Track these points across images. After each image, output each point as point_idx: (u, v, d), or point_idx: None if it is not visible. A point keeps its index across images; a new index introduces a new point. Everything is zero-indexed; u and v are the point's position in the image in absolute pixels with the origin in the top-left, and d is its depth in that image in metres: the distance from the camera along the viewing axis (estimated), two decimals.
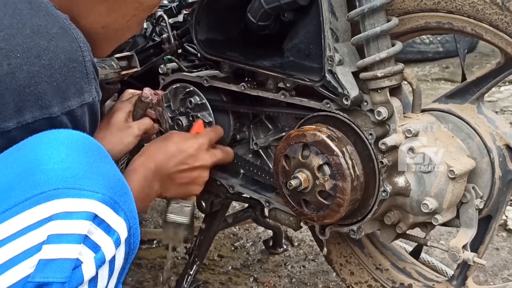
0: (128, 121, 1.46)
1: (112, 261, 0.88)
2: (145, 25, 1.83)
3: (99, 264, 0.85)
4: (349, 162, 1.26)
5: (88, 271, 0.84)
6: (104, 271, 0.87)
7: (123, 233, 0.89)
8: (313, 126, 1.30)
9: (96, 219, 0.85)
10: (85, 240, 0.84)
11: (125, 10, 1.11)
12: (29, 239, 0.82)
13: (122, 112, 1.45)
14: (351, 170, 1.26)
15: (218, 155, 1.47)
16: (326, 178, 1.27)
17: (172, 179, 1.38)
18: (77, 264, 0.83)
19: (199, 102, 1.54)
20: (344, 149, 1.26)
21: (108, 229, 0.87)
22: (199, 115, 1.54)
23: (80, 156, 0.89)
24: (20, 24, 0.92)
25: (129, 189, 0.94)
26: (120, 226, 0.89)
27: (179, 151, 1.38)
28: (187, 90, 1.54)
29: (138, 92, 1.53)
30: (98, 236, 0.86)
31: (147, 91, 1.50)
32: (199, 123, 1.50)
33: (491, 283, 1.94)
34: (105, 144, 1.41)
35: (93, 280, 0.85)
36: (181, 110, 1.57)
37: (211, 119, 1.53)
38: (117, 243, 0.88)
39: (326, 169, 1.28)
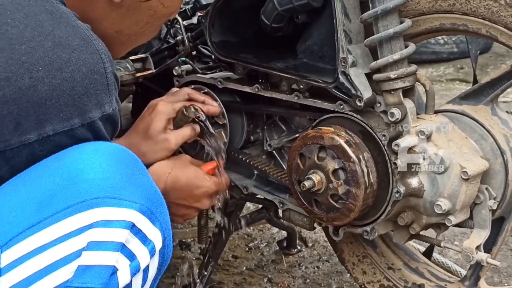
0: (167, 130, 1.41)
1: (146, 270, 0.90)
2: None
3: (134, 272, 0.87)
4: (365, 169, 1.26)
5: (123, 278, 0.86)
6: (138, 279, 0.89)
7: (158, 244, 0.91)
8: (332, 129, 1.30)
9: (133, 228, 0.88)
10: (122, 248, 0.86)
11: (138, 17, 1.12)
12: (70, 245, 0.84)
13: (162, 119, 1.41)
14: (366, 178, 1.26)
15: (214, 202, 1.48)
16: (340, 183, 1.28)
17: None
18: (113, 271, 0.85)
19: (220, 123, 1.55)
20: (361, 156, 1.26)
21: (144, 239, 0.89)
22: (215, 118, 1.55)
23: (120, 167, 0.92)
24: (42, 36, 0.92)
25: (164, 201, 0.96)
26: (155, 236, 0.91)
27: (189, 188, 1.38)
28: (202, 92, 1.55)
29: (195, 93, 1.49)
30: (135, 245, 0.88)
31: (196, 107, 1.46)
32: (212, 164, 1.45)
33: (506, 284, 1.93)
34: (139, 155, 1.41)
35: None
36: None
37: (225, 121, 1.54)
38: (152, 253, 0.90)
39: (341, 173, 1.28)
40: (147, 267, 0.90)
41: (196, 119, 1.47)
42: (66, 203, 0.86)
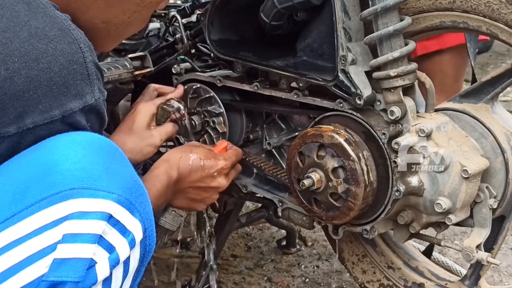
0: (151, 126, 1.45)
1: (127, 262, 0.88)
2: (158, 25, 1.84)
3: (113, 264, 0.85)
4: (364, 168, 1.26)
5: (102, 271, 0.84)
6: (118, 272, 0.87)
7: (138, 234, 0.89)
8: (331, 127, 1.29)
9: (111, 219, 0.86)
10: (100, 240, 0.84)
11: (125, 5, 1.09)
12: (45, 239, 0.82)
13: (145, 116, 1.44)
14: (366, 176, 1.25)
15: (232, 176, 1.48)
16: (339, 181, 1.27)
17: (185, 192, 1.39)
18: (91, 264, 0.83)
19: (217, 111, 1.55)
20: (360, 155, 1.26)
21: (123, 230, 0.87)
22: (215, 120, 1.54)
23: (97, 157, 0.89)
24: (18, 27, 0.91)
25: (146, 191, 0.94)
26: (135, 227, 0.89)
27: (202, 168, 1.38)
28: (207, 96, 1.54)
29: (162, 87, 1.53)
30: (113, 236, 0.86)
31: (174, 101, 1.50)
32: (223, 144, 1.48)
33: (506, 283, 1.93)
34: (125, 152, 1.41)
35: (107, 281, 0.85)
36: (197, 110, 1.57)
37: (225, 130, 1.54)
38: (131, 244, 0.88)
39: (341, 172, 1.28)
40: (128, 259, 0.88)
41: (177, 112, 1.50)
42: (41, 195, 0.84)
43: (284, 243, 2.16)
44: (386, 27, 1.22)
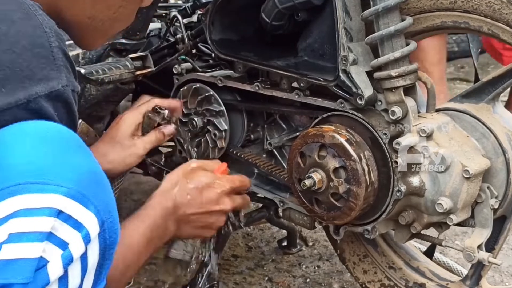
0: (135, 136, 1.43)
1: (84, 258, 0.84)
2: (159, 25, 1.84)
3: (67, 262, 0.81)
4: (366, 168, 1.26)
5: (54, 270, 0.80)
6: (74, 269, 0.83)
7: (93, 228, 0.84)
8: (332, 127, 1.29)
9: (61, 214, 0.81)
10: (50, 237, 0.80)
11: (110, 1, 1.08)
12: None
13: (129, 125, 1.43)
14: (367, 176, 1.25)
15: (238, 202, 1.42)
16: (340, 182, 1.27)
17: (188, 221, 1.34)
18: (41, 264, 0.79)
19: (217, 110, 1.55)
20: (361, 155, 1.26)
21: (76, 225, 0.83)
22: (215, 121, 1.54)
23: (47, 148, 0.85)
24: None
25: (104, 181, 0.89)
26: (89, 221, 0.84)
27: (201, 193, 1.34)
28: (207, 94, 1.54)
29: (156, 99, 1.51)
30: (65, 232, 0.81)
31: (159, 108, 1.48)
32: (223, 166, 1.43)
33: (507, 283, 1.93)
34: (106, 162, 1.40)
35: (63, 279, 0.81)
36: (197, 110, 1.57)
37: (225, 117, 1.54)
38: (86, 239, 0.83)
39: (342, 172, 1.28)
40: (85, 254, 0.83)
41: (165, 119, 1.48)
42: None
43: (285, 243, 2.16)
44: (387, 27, 1.22)
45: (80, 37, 1.08)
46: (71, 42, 1.13)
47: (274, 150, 1.54)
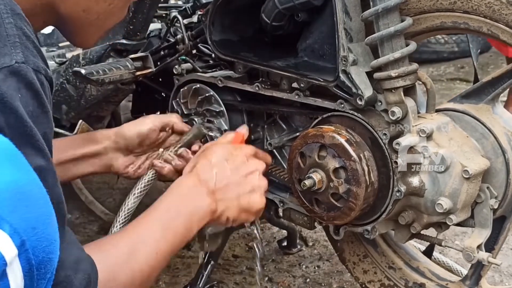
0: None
1: (5, 283, 0.76)
2: (159, 26, 1.84)
3: None
4: (366, 168, 1.26)
5: None
6: None
7: (8, 250, 0.76)
8: (332, 128, 1.30)
9: None
10: None
11: None
12: None
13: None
14: (367, 177, 1.26)
15: (268, 159, 1.38)
16: (340, 182, 1.27)
17: (227, 196, 1.26)
18: None
19: (217, 110, 1.55)
20: (361, 155, 1.26)
21: None
22: (215, 121, 1.55)
23: None
24: None
25: (32, 194, 0.81)
26: (2, 243, 0.75)
27: (226, 163, 1.28)
28: (207, 95, 1.55)
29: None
30: None
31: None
32: (239, 135, 1.42)
33: (507, 284, 1.93)
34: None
35: None
36: (198, 110, 1.57)
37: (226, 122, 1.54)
38: (1, 263, 0.75)
39: (342, 172, 1.28)
40: (5, 278, 0.76)
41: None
42: None
43: (285, 243, 2.16)
44: (387, 28, 1.23)
45: (75, 32, 1.07)
46: (67, 43, 1.12)
47: (274, 150, 1.54)
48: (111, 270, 1.01)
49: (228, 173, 1.27)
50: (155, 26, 1.84)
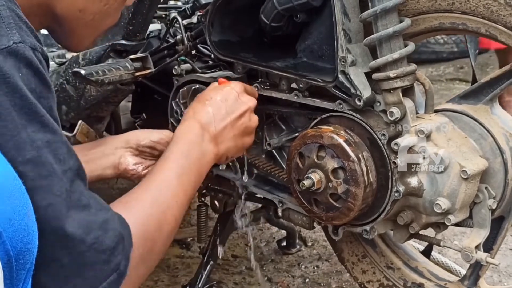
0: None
1: None
2: (159, 27, 1.84)
3: None
4: (364, 168, 1.26)
5: None
6: None
7: None
8: (331, 128, 1.30)
9: None
10: None
11: None
12: None
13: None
14: (365, 177, 1.26)
15: (255, 93, 1.43)
16: (339, 182, 1.28)
17: (225, 134, 1.32)
18: None
19: None
20: (360, 155, 1.26)
21: None
22: None
23: None
24: None
25: (3, 186, 0.81)
26: None
27: (220, 103, 1.33)
28: None
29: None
30: None
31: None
32: (222, 79, 1.44)
33: (505, 283, 1.93)
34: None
35: None
36: None
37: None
38: None
39: (341, 173, 1.28)
40: None
41: None
42: None
43: (284, 243, 2.17)
44: (385, 29, 1.23)
45: (70, 34, 1.07)
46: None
47: (273, 150, 1.54)
48: (140, 224, 1.03)
49: (224, 113, 1.32)
50: (154, 26, 1.84)
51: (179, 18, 1.67)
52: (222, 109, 1.33)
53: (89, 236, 0.90)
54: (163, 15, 1.95)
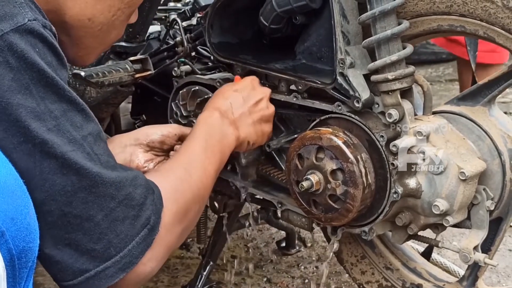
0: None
1: None
2: (159, 28, 1.85)
3: None
4: (363, 170, 1.27)
5: None
6: None
7: None
8: (330, 130, 1.31)
9: None
10: None
11: (110, 1, 1.10)
12: None
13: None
14: (364, 178, 1.26)
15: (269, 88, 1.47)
16: (338, 183, 1.28)
17: (243, 119, 1.38)
18: None
19: None
20: (359, 157, 1.27)
21: None
22: None
23: None
24: None
25: (7, 186, 0.83)
26: None
27: (238, 93, 1.39)
28: (206, 97, 1.55)
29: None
30: None
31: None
32: (239, 77, 1.49)
33: (504, 284, 1.94)
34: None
35: None
36: (196, 112, 1.58)
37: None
38: None
39: (339, 174, 1.29)
40: None
41: None
42: None
43: (283, 244, 2.17)
44: (384, 31, 1.23)
45: (77, 45, 1.09)
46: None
47: (273, 152, 1.54)
48: (170, 186, 1.11)
49: (241, 101, 1.38)
50: (154, 28, 1.85)
51: (178, 20, 1.67)
52: (239, 98, 1.38)
53: (120, 193, 0.97)
54: (163, 17, 1.95)
